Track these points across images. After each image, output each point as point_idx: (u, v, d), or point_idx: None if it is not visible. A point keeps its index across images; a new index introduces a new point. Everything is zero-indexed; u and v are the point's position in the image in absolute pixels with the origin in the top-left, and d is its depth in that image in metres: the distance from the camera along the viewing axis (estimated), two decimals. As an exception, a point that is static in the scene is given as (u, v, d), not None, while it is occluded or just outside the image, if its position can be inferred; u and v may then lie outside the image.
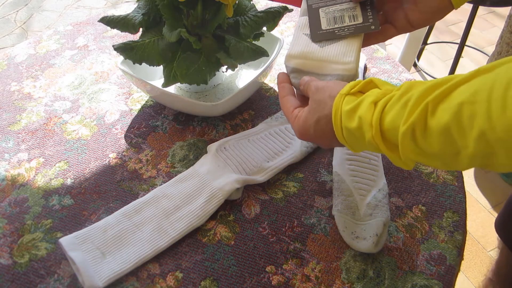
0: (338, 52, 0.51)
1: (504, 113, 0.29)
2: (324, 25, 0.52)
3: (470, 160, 0.33)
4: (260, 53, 0.63)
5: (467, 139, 0.32)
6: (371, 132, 0.38)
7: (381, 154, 0.61)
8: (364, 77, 0.76)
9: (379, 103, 0.39)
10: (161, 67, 0.63)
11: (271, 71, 0.72)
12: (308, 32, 0.52)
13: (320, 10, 0.53)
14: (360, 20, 0.51)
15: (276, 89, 0.75)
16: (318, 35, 0.51)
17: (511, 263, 0.81)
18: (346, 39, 0.51)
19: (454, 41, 2.19)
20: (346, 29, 0.51)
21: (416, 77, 1.99)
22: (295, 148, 0.63)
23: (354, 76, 0.50)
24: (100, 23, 0.64)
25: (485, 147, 0.31)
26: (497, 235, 0.81)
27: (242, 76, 0.76)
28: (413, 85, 0.37)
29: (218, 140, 0.64)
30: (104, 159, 0.64)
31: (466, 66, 2.04)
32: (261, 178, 0.59)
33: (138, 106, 0.73)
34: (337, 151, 0.62)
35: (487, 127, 0.30)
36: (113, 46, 0.61)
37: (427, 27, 1.89)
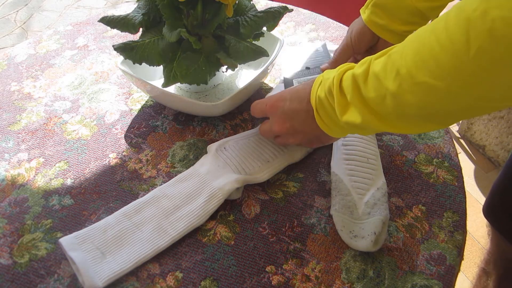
0: None
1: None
2: (295, 84, 0.66)
3: (393, 101, 0.41)
4: (260, 53, 0.63)
5: (388, 80, 0.40)
6: (334, 74, 0.47)
7: (380, 156, 0.62)
8: None
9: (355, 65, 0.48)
10: (161, 67, 0.63)
11: (271, 71, 0.72)
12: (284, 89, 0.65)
13: (293, 80, 0.69)
14: None
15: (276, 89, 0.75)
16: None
17: (502, 249, 0.81)
18: None
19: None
20: None
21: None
22: (295, 148, 0.63)
23: None
24: (100, 23, 0.64)
25: (399, 85, 0.39)
26: (486, 222, 0.81)
27: (242, 76, 0.76)
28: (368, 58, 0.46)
29: (218, 140, 0.64)
30: (104, 159, 0.64)
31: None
32: (261, 177, 0.59)
33: (138, 106, 0.73)
34: (335, 151, 0.62)
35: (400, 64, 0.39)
36: (113, 46, 0.61)
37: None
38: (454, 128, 1.75)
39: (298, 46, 0.78)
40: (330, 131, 0.51)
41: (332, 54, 0.74)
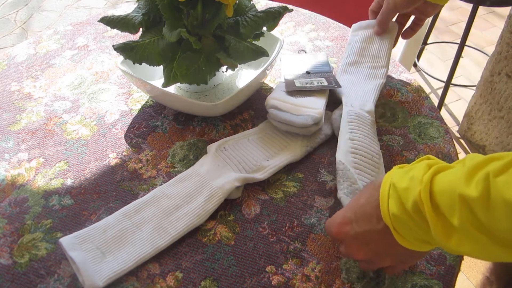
0: (309, 102, 0.67)
1: None
2: (297, 84, 0.69)
3: None
4: (260, 53, 0.63)
5: None
6: (419, 188, 0.36)
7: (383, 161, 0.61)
8: None
9: (433, 166, 0.38)
10: (161, 67, 0.63)
11: (271, 71, 0.72)
12: (284, 89, 0.68)
13: (294, 80, 0.70)
14: (326, 83, 0.69)
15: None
16: (293, 91, 0.68)
17: (505, 263, 0.81)
18: (315, 95, 0.68)
19: (454, 41, 2.19)
20: (314, 87, 0.68)
21: (416, 77, 1.99)
22: (295, 147, 0.63)
23: (321, 120, 0.64)
24: (100, 23, 0.64)
25: None
26: None
27: (242, 76, 0.76)
28: (466, 157, 0.36)
29: (218, 140, 0.64)
30: (104, 159, 0.64)
31: (466, 66, 2.04)
32: (260, 176, 0.59)
33: (138, 106, 0.73)
34: (342, 143, 0.61)
35: None
36: (113, 46, 0.61)
37: (427, 27, 1.90)
38: (454, 128, 1.75)
39: (299, 54, 0.79)
40: (420, 249, 0.42)
41: (332, 65, 0.78)
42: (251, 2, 0.67)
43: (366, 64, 0.73)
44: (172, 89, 0.72)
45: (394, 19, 0.74)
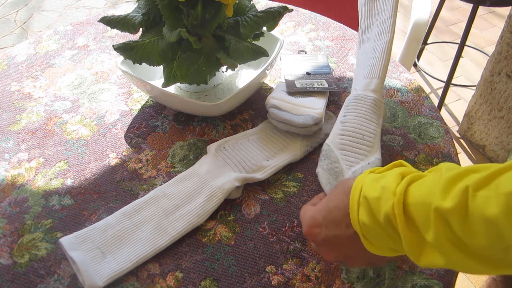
0: (309, 102, 0.67)
1: None
2: (298, 85, 0.69)
3: None
4: (260, 53, 0.63)
5: None
6: (393, 200, 0.35)
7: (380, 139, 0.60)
8: None
9: (407, 176, 0.36)
10: (161, 67, 0.63)
11: (271, 71, 0.72)
12: (285, 89, 0.69)
13: (295, 81, 0.70)
14: (326, 85, 0.70)
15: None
16: (293, 91, 0.68)
17: None
18: (316, 96, 0.68)
19: (454, 41, 2.19)
20: (315, 89, 0.69)
21: (416, 77, 1.99)
22: (295, 147, 0.63)
23: (321, 120, 0.63)
24: (100, 23, 0.64)
25: None
26: None
27: (242, 76, 0.76)
28: (442, 166, 0.35)
29: (218, 140, 0.64)
30: (104, 159, 0.64)
31: (466, 66, 2.04)
32: (260, 176, 0.59)
33: (138, 106, 0.73)
34: (334, 127, 0.61)
35: None
36: (113, 46, 0.61)
37: (427, 26, 1.89)
38: (454, 128, 1.75)
39: (299, 55, 0.79)
40: (389, 255, 0.41)
41: (332, 65, 0.76)
42: (251, 2, 0.67)
43: (375, 24, 0.68)
44: (172, 89, 0.72)
45: None
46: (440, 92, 1.88)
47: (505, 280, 0.86)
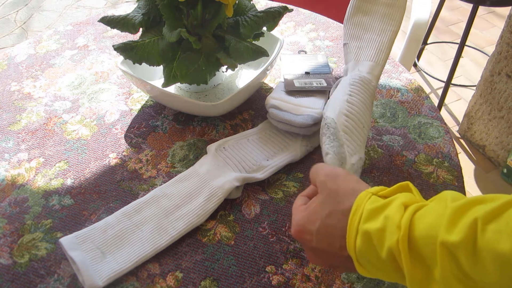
0: (309, 101, 0.66)
1: None
2: (296, 84, 0.69)
3: None
4: (260, 53, 0.63)
5: None
6: (397, 235, 0.33)
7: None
8: None
9: (410, 206, 0.34)
10: (161, 67, 0.63)
11: (271, 71, 0.72)
12: (284, 89, 0.69)
13: (294, 80, 0.70)
14: (325, 84, 0.70)
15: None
16: (292, 90, 0.69)
17: None
18: (315, 96, 0.68)
19: (454, 41, 2.19)
20: (313, 88, 0.69)
21: (416, 77, 1.99)
22: (295, 147, 0.63)
23: (321, 120, 0.61)
24: (100, 23, 0.64)
25: None
26: None
27: (242, 76, 0.76)
28: (447, 195, 0.33)
29: (218, 140, 0.64)
30: (104, 159, 0.64)
31: (466, 66, 2.04)
32: (260, 175, 0.59)
33: (138, 106, 0.73)
34: (337, 102, 0.57)
35: None
36: (113, 46, 0.61)
37: (427, 26, 1.89)
38: (454, 128, 1.75)
39: (299, 55, 0.79)
40: (359, 266, 0.38)
41: (332, 65, 0.74)
42: (251, 2, 0.67)
43: (382, 1, 0.63)
44: (172, 89, 0.72)
45: None
46: (440, 92, 1.88)
47: None
